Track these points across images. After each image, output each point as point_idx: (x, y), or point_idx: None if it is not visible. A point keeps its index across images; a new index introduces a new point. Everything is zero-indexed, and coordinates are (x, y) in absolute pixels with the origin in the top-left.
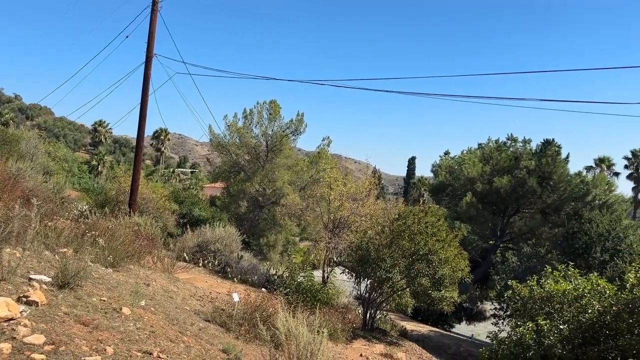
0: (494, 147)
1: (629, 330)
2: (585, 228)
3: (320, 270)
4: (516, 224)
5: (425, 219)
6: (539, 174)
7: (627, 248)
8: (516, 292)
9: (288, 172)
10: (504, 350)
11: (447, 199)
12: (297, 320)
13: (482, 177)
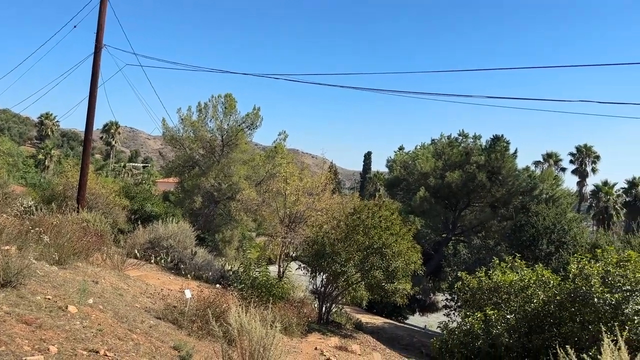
0: (446, 143)
1: (571, 318)
2: (532, 221)
3: (276, 266)
4: (467, 218)
5: (379, 213)
6: (489, 169)
7: (571, 240)
8: (465, 284)
9: (244, 166)
10: (454, 340)
11: (401, 194)
12: (250, 315)
13: (435, 172)
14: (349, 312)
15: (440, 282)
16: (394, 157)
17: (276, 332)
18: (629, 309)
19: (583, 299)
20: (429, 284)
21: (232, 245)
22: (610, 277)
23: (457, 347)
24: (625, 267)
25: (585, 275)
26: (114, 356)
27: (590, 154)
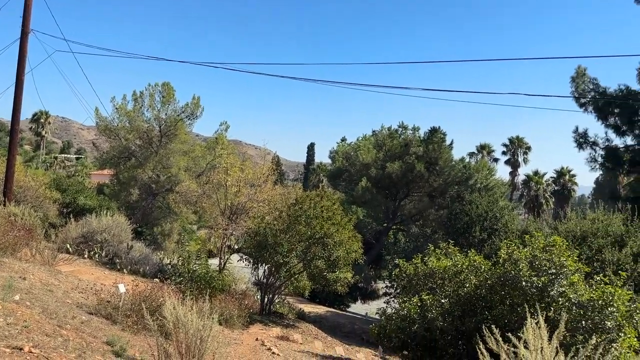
0: (387, 134)
1: (501, 301)
2: (467, 209)
3: (218, 258)
4: (406, 207)
5: (321, 203)
6: (427, 160)
7: (503, 227)
8: (403, 270)
9: (184, 158)
10: (391, 326)
11: (344, 184)
12: (187, 308)
13: (376, 162)
14: (291, 302)
15: (381, 270)
16: (336, 148)
17: (213, 323)
18: (554, 291)
19: (512, 283)
20: (370, 273)
21: (172, 238)
22: (537, 262)
23: (394, 332)
24: (551, 252)
25: (514, 260)
26: (40, 353)
27: (522, 145)
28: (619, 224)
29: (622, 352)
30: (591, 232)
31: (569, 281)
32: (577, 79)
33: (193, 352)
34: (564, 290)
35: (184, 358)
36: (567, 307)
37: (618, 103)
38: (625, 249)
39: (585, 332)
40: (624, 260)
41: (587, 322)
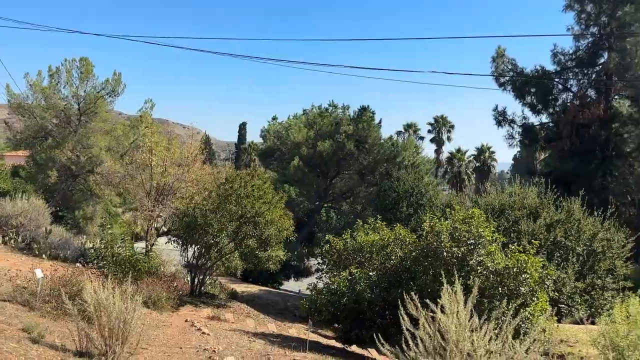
0: (317, 113)
1: (424, 272)
2: (395, 186)
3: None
4: (337, 185)
5: (251, 182)
6: (356, 138)
7: (428, 202)
8: (333, 246)
9: (106, 137)
10: (321, 300)
11: (275, 163)
12: (109, 291)
13: (307, 141)
14: (223, 282)
15: (313, 247)
16: (267, 127)
17: (137, 305)
18: (473, 261)
19: (434, 254)
20: (303, 250)
21: (95, 222)
22: (457, 233)
23: (324, 306)
24: (470, 224)
25: (436, 232)
26: None
27: (446, 123)
28: (533, 197)
29: (535, 314)
30: (508, 205)
31: (487, 251)
32: (497, 59)
33: (117, 335)
34: (482, 259)
35: (108, 342)
36: (485, 275)
37: (534, 83)
38: (539, 220)
39: (502, 298)
40: (537, 230)
41: (503, 288)
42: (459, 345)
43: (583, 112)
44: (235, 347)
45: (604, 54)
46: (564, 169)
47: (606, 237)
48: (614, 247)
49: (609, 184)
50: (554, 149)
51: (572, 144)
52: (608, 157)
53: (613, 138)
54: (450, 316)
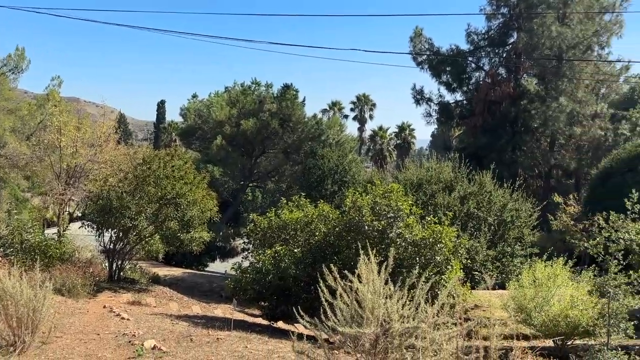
0: (240, 91)
1: (347, 246)
2: (319, 164)
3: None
4: (263, 164)
5: (171, 162)
6: (281, 117)
7: (351, 179)
8: (257, 225)
9: (9, 117)
10: (247, 279)
11: (197, 143)
12: (15, 279)
13: (230, 120)
14: (144, 267)
15: (239, 227)
16: (187, 105)
17: (48, 292)
18: (392, 233)
19: (356, 228)
20: (229, 231)
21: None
22: (378, 207)
23: (250, 284)
24: (390, 198)
25: (358, 207)
26: None
27: (368, 102)
28: (449, 171)
29: (450, 281)
30: (426, 180)
31: (405, 223)
32: (414, 38)
33: (26, 324)
34: (401, 231)
35: (16, 332)
36: (404, 246)
37: (449, 62)
38: (454, 193)
39: (420, 267)
40: (452, 202)
41: (420, 258)
42: (375, 312)
43: (494, 90)
44: (156, 330)
45: (514, 34)
46: (477, 144)
47: (515, 207)
48: (522, 217)
49: (518, 157)
50: (468, 126)
51: (484, 120)
52: (517, 132)
53: (521, 114)
54: (366, 285)
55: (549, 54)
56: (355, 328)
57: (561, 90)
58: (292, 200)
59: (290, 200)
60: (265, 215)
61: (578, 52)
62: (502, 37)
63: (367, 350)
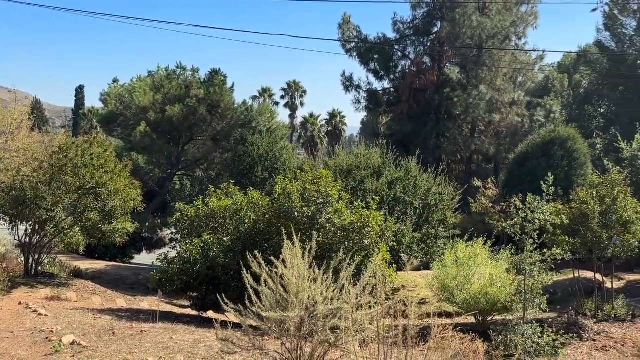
0: (165, 76)
1: (277, 232)
2: (250, 151)
3: None
4: (191, 152)
5: (90, 150)
6: (209, 103)
7: (282, 166)
8: (184, 214)
9: None
10: (173, 269)
11: (119, 130)
12: None
13: (154, 105)
14: (65, 261)
15: (166, 217)
16: (108, 90)
17: None
18: (322, 218)
19: (286, 214)
20: (155, 221)
21: None
22: (307, 193)
23: (177, 275)
24: (319, 184)
25: (287, 193)
26: None
27: (299, 89)
28: (377, 157)
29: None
30: (355, 166)
31: (334, 208)
32: (343, 25)
33: None
34: (330, 216)
35: None
36: (333, 231)
37: (377, 50)
38: (381, 178)
39: (348, 251)
40: (380, 188)
41: (349, 242)
42: (299, 295)
43: (419, 78)
44: (76, 325)
45: (438, 24)
46: (404, 131)
47: (439, 191)
48: (445, 200)
49: (442, 143)
50: (395, 113)
51: (410, 107)
52: (441, 119)
53: (445, 102)
54: (291, 269)
55: (470, 44)
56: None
57: (481, 78)
58: (221, 188)
59: (219, 188)
60: (192, 203)
61: (497, 41)
62: (426, 26)
63: (293, 333)
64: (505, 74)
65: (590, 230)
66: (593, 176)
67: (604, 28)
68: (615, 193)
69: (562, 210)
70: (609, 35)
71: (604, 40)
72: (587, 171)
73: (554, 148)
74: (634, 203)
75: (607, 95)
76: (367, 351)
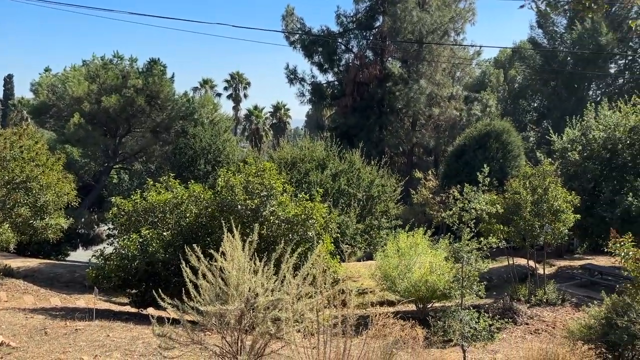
0: (100, 65)
1: (220, 226)
2: (191, 143)
3: None
4: (128, 144)
5: (19, 142)
6: (147, 93)
7: (225, 158)
8: (121, 208)
9: None
10: (110, 266)
11: (52, 121)
12: None
13: (89, 96)
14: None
15: (104, 212)
16: (39, 80)
17: None
18: (266, 211)
19: (229, 207)
20: (92, 216)
21: None
22: (251, 186)
23: (114, 271)
24: (262, 177)
25: (230, 186)
26: None
27: (242, 80)
28: (321, 150)
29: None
30: (300, 158)
31: (278, 201)
32: (286, 17)
33: None
34: (274, 209)
35: None
36: (277, 223)
37: (321, 42)
38: (326, 170)
39: (293, 244)
40: (325, 180)
41: (293, 234)
42: (239, 288)
43: (363, 72)
44: (6, 326)
45: (380, 18)
46: (348, 124)
47: (381, 183)
48: (387, 192)
49: (385, 136)
50: (339, 106)
51: (354, 101)
52: (384, 112)
53: (387, 96)
54: (231, 262)
55: (411, 38)
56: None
57: (422, 73)
58: (161, 182)
59: (159, 182)
60: (130, 198)
61: (436, 37)
62: (369, 20)
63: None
64: (444, 69)
65: (523, 219)
66: (526, 167)
67: (537, 25)
68: (547, 183)
69: (497, 200)
70: (541, 33)
71: (537, 37)
72: (521, 163)
73: (490, 141)
74: (563, 193)
75: (540, 90)
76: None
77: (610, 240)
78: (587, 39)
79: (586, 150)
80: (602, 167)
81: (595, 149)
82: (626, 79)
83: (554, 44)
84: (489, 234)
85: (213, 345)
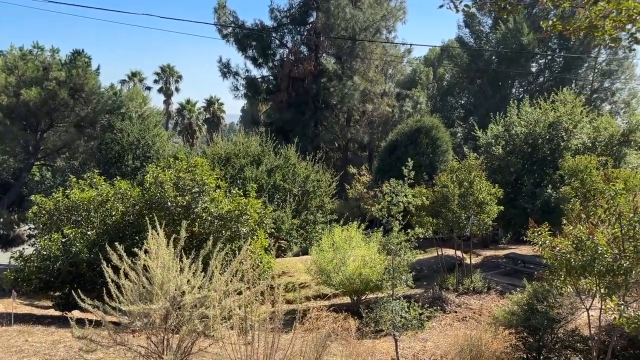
0: (19, 56)
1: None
2: (118, 138)
3: None
4: (51, 139)
5: None
6: (71, 86)
7: (155, 154)
8: (42, 207)
9: None
10: (30, 268)
11: None
12: None
13: (7, 88)
14: None
15: (24, 211)
16: None
17: None
18: (198, 208)
19: (159, 205)
20: (12, 216)
21: None
22: (182, 182)
23: (34, 273)
24: (194, 172)
25: (159, 182)
26: None
27: (174, 74)
28: (256, 145)
29: (255, 251)
30: (234, 154)
31: (211, 197)
32: (218, 10)
33: None
34: (206, 206)
35: None
36: (210, 220)
37: (255, 37)
38: (261, 166)
39: (226, 240)
40: (260, 175)
41: (227, 230)
42: (164, 286)
43: (297, 67)
44: None
45: (313, 14)
46: (283, 119)
47: (317, 178)
48: (322, 187)
49: (320, 132)
50: (274, 101)
51: (289, 96)
52: (319, 108)
53: (322, 92)
54: (155, 260)
55: (344, 35)
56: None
57: (355, 69)
58: (84, 179)
59: (82, 179)
60: (52, 196)
61: (369, 34)
62: (303, 15)
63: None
64: (377, 66)
65: (450, 211)
66: (453, 162)
67: (464, 25)
68: (472, 177)
69: (425, 193)
70: (468, 32)
71: (464, 37)
72: (449, 157)
73: (421, 136)
74: (488, 186)
75: (467, 87)
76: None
77: (529, 230)
78: (510, 39)
79: (509, 145)
80: (523, 161)
81: (518, 143)
82: (546, 78)
83: (480, 43)
84: (419, 225)
85: (137, 345)
